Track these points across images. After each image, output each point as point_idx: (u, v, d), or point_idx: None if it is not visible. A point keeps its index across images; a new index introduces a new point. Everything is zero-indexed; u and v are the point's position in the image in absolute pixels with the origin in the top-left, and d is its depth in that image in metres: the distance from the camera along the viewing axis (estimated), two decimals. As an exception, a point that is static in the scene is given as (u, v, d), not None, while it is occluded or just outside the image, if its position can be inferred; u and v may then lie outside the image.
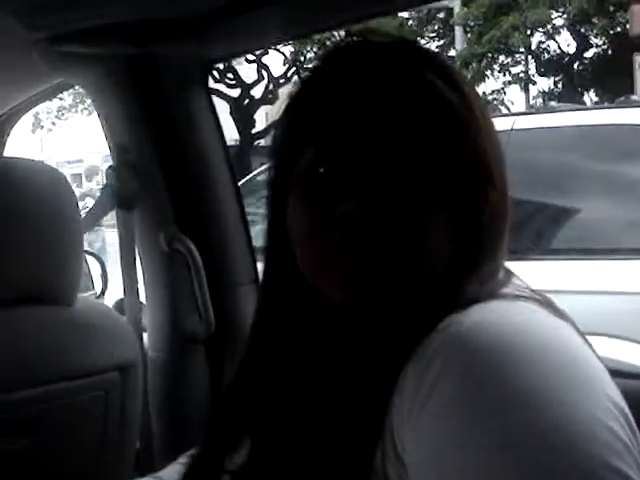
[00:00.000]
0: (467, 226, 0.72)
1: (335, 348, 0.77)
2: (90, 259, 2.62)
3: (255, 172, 5.14)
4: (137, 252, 1.62)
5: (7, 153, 2.24)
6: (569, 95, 13.74)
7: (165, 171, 1.54)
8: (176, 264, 1.54)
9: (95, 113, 1.60)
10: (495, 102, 15.20)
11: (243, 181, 4.77)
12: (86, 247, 1.64)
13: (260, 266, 0.89)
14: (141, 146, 1.55)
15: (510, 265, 0.76)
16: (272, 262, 0.83)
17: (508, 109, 14.87)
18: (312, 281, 0.75)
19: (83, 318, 1.38)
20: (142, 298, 1.65)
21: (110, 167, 1.56)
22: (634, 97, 4.98)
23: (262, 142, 15.34)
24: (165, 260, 1.56)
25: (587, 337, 0.68)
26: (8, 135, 2.23)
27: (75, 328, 1.35)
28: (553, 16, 13.84)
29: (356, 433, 0.67)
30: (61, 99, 18.84)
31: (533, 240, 3.48)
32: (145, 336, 1.65)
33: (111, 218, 1.68)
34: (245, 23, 1.21)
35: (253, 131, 15.03)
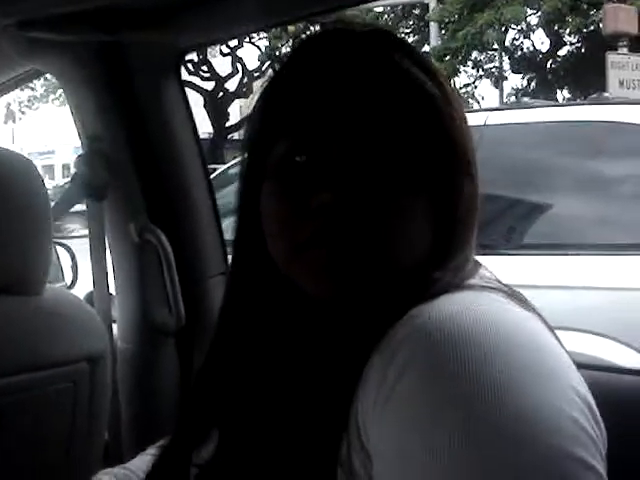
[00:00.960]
0: (442, 218, 0.72)
1: (302, 338, 0.76)
2: (60, 250, 2.60)
3: (228, 165, 5.13)
4: (107, 243, 1.61)
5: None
6: (542, 92, 13.85)
7: (136, 161, 1.53)
8: (146, 255, 1.53)
9: (67, 104, 1.58)
10: (466, 95, 15.32)
11: (215, 174, 4.75)
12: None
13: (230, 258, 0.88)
14: (112, 135, 1.53)
15: (482, 260, 0.76)
16: (241, 252, 0.82)
17: (478, 103, 15.00)
18: (284, 271, 0.75)
19: (52, 308, 1.36)
20: (112, 290, 1.64)
21: (80, 156, 1.54)
22: (606, 94, 5.01)
23: (235, 135, 15.32)
24: (135, 251, 1.54)
25: (555, 331, 0.68)
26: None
27: (43, 318, 1.33)
28: (528, 14, 13.95)
29: (322, 424, 0.67)
30: (32, 89, 18.63)
31: (505, 235, 3.50)
32: (115, 327, 1.63)
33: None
34: (218, 11, 1.20)
35: (227, 124, 15.00)
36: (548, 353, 0.62)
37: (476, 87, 15.54)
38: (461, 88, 15.29)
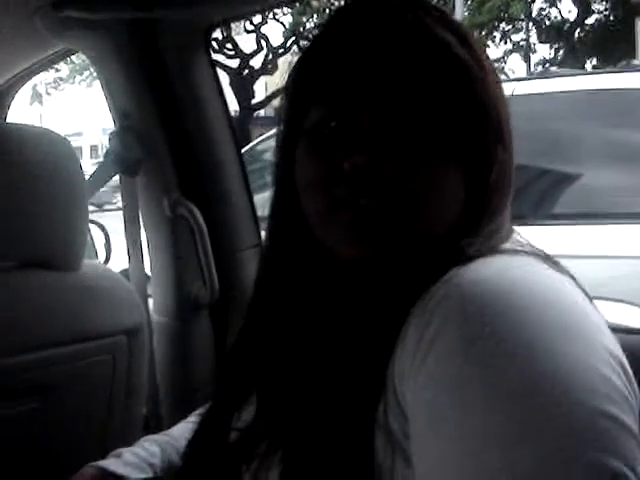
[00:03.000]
0: (475, 184, 0.73)
1: (339, 302, 0.78)
2: (93, 228, 2.63)
3: (254, 142, 5.13)
4: (141, 218, 1.63)
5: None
6: (571, 62, 13.67)
7: (168, 136, 1.55)
8: (180, 229, 1.55)
9: (93, 85, 1.60)
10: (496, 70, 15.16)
11: (242, 151, 4.73)
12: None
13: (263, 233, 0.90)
14: (143, 112, 1.55)
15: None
16: (278, 220, 0.84)
17: (508, 77, 14.82)
18: (318, 235, 0.76)
19: (90, 282, 1.39)
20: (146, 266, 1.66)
21: (112, 133, 1.56)
22: (635, 62, 4.93)
23: (261, 113, 15.29)
24: (169, 225, 1.57)
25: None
26: (9, 105, 2.23)
27: (82, 292, 1.36)
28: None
29: (359, 384, 0.68)
30: (57, 70, 18.67)
31: (535, 205, 3.49)
32: (150, 301, 1.66)
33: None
34: None
35: (252, 101, 14.99)
36: (581, 314, 0.63)
37: (505, 62, 15.36)
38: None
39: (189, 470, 0.91)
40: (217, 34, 12.47)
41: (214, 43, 13.41)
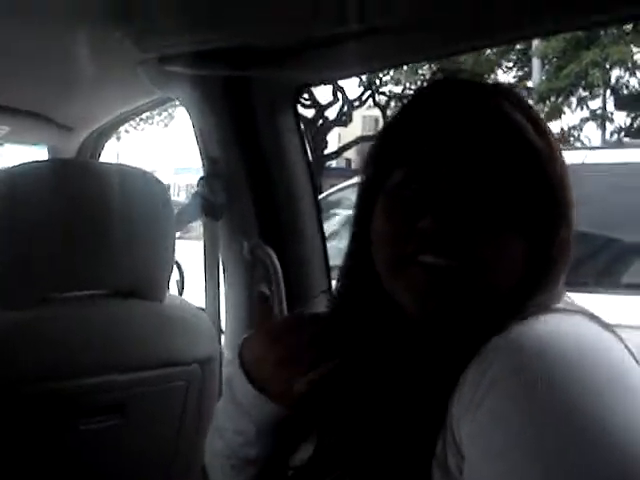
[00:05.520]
0: (536, 257, 0.80)
1: (405, 349, 0.84)
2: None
3: (326, 193, 5.24)
4: (220, 259, 1.74)
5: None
6: (647, 132, 13.50)
7: (251, 184, 1.65)
8: (256, 272, 1.65)
9: (170, 125, 1.72)
10: (572, 138, 15.04)
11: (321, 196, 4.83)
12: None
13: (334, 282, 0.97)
14: (230, 160, 1.67)
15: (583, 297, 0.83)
16: (352, 267, 0.92)
17: (584, 145, 14.68)
18: (387, 287, 0.84)
19: (171, 313, 1.50)
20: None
21: (201, 178, 1.69)
22: None
23: (333, 163, 15.44)
24: (247, 267, 1.66)
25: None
26: (104, 145, 2.39)
27: (164, 321, 1.48)
28: (634, 52, 13.66)
29: (421, 425, 0.75)
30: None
31: (604, 274, 3.51)
32: (223, 338, 1.76)
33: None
34: (339, 53, 1.30)
35: (325, 152, 15.15)
36: (630, 371, 0.69)
37: (582, 129, 15.24)
38: (569, 130, 15.04)
39: None
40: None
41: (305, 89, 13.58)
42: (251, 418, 0.94)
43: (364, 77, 15.01)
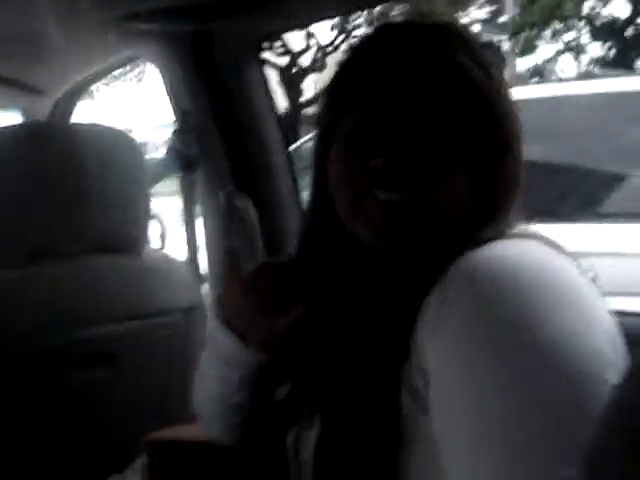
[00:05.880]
0: (484, 188, 0.84)
1: (368, 282, 0.90)
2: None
3: (302, 140, 5.21)
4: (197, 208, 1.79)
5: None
6: (622, 62, 13.47)
7: (223, 135, 1.70)
8: (233, 219, 1.70)
9: (144, 81, 1.74)
10: (547, 70, 15.00)
11: (290, 149, 4.78)
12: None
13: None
14: (201, 112, 1.71)
15: (560, 227, 0.86)
16: (314, 210, 0.97)
17: (559, 77, 14.63)
18: (348, 226, 0.89)
19: (152, 265, 1.55)
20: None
21: (174, 132, 1.73)
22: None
23: (310, 111, 15.34)
24: (224, 216, 1.70)
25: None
26: (75, 105, 2.40)
27: (144, 273, 1.53)
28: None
29: (387, 350, 0.81)
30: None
31: (582, 204, 3.59)
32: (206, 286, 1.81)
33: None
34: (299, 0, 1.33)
35: (301, 99, 15.05)
36: (578, 290, 0.75)
37: (556, 61, 15.17)
38: (542, 64, 14.98)
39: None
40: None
41: (269, 38, 13.42)
42: (233, 366, 0.98)
43: (336, 22, 14.84)
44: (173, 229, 1.96)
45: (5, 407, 1.40)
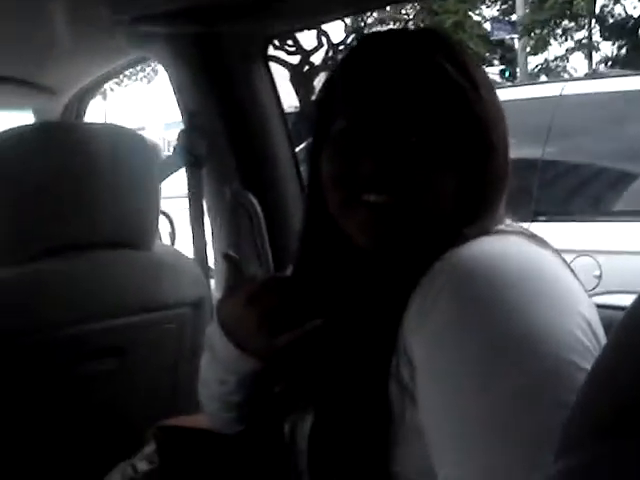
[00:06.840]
0: (471, 185, 0.87)
1: (359, 278, 0.94)
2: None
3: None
4: (205, 206, 1.83)
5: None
6: (635, 60, 13.42)
7: (229, 134, 1.74)
8: (239, 216, 1.74)
9: (154, 81, 1.79)
10: (558, 69, 14.98)
11: (303, 145, 4.80)
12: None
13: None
14: (208, 112, 1.75)
15: (568, 226, 0.89)
16: (309, 209, 1.01)
17: (571, 76, 14.59)
18: (341, 225, 0.92)
19: (161, 260, 1.60)
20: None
21: (182, 131, 1.77)
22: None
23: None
24: (231, 213, 1.75)
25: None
26: (87, 106, 2.45)
27: (154, 268, 1.57)
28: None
29: (375, 345, 0.84)
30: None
31: (592, 202, 3.59)
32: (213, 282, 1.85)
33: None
34: (306, 1, 1.35)
35: (312, 97, 15.08)
36: (559, 282, 0.79)
37: (568, 60, 15.13)
38: (553, 61, 14.94)
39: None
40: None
41: (275, 40, 13.51)
42: (231, 371, 1.01)
43: (348, 21, 14.84)
44: (183, 229, 1.99)
45: (18, 395, 1.44)
